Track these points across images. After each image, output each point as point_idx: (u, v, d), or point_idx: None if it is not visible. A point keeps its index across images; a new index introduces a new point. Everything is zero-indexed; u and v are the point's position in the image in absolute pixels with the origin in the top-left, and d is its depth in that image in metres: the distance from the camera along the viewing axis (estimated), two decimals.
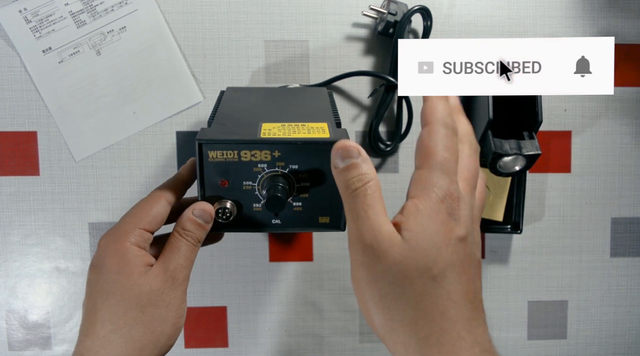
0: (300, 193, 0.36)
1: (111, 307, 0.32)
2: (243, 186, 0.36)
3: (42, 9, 0.50)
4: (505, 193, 0.51)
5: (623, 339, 0.56)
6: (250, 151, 0.34)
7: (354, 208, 0.27)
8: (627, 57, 0.54)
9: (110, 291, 0.32)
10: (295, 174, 0.35)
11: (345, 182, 0.28)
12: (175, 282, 0.33)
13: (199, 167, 0.35)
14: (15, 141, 0.51)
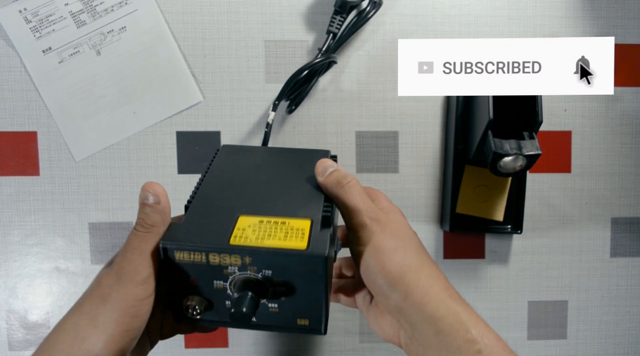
0: (276, 296, 0.33)
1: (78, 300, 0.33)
2: (214, 285, 0.33)
3: (42, 9, 0.50)
4: (505, 193, 0.51)
5: (623, 339, 0.56)
6: (219, 254, 0.32)
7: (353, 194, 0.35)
8: (627, 57, 0.54)
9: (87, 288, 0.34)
10: (269, 279, 0.33)
11: (335, 181, 0.35)
12: (122, 276, 0.31)
13: (166, 267, 0.33)
14: (15, 141, 0.51)
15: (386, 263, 0.33)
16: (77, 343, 0.31)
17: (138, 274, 0.32)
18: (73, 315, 0.32)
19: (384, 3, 0.52)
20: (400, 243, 0.34)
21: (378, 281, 0.33)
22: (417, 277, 0.33)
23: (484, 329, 0.32)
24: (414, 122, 0.53)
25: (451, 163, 0.51)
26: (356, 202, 0.35)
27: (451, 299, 0.33)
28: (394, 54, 0.52)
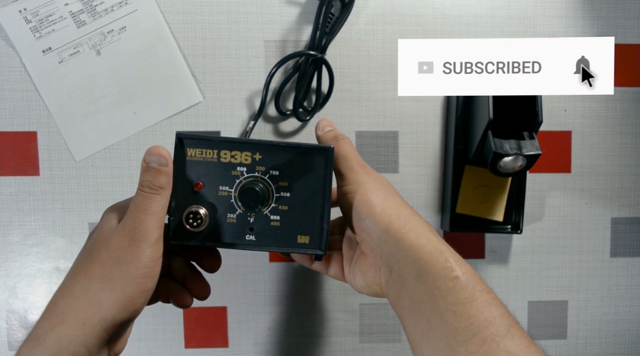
0: (279, 205, 0.34)
1: (78, 264, 0.33)
2: (219, 191, 0.34)
3: (42, 9, 0.50)
4: (505, 193, 0.51)
5: (623, 339, 0.56)
6: (230, 151, 0.33)
7: (347, 147, 0.37)
8: (627, 57, 0.54)
9: (85, 244, 0.34)
10: (275, 181, 0.34)
11: (332, 136, 0.38)
12: (136, 238, 0.32)
13: (175, 165, 0.33)
14: (15, 141, 0.51)
15: (370, 197, 0.35)
16: (92, 307, 0.31)
17: (151, 236, 0.32)
18: (80, 279, 0.32)
19: (385, 3, 0.52)
20: (384, 186, 0.36)
21: (362, 215, 0.35)
22: (398, 211, 0.35)
23: (461, 260, 0.33)
24: (414, 122, 0.53)
25: (451, 163, 0.51)
26: (347, 150, 0.37)
27: (431, 232, 0.34)
28: (394, 54, 0.52)
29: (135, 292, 0.32)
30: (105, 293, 0.31)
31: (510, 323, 0.30)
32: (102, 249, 0.32)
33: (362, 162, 0.37)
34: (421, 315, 0.32)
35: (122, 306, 0.31)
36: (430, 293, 0.32)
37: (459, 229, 0.52)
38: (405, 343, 0.55)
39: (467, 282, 0.32)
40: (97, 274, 0.32)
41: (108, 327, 0.31)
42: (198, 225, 0.34)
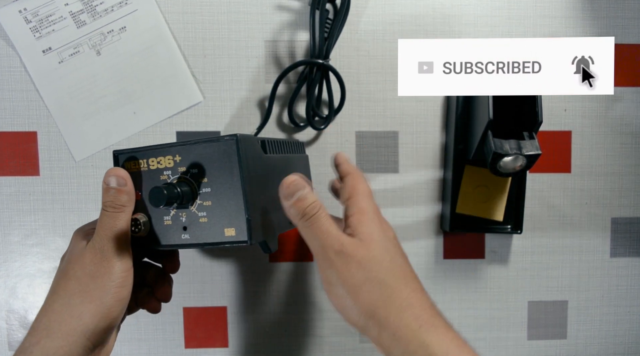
0: (203, 201, 0.36)
1: (56, 283, 0.36)
2: None
3: (42, 9, 0.50)
4: (505, 193, 0.51)
5: (623, 339, 0.56)
6: (156, 158, 0.37)
7: (316, 230, 0.34)
8: (627, 57, 0.54)
9: (60, 266, 0.37)
10: (197, 178, 0.36)
11: (301, 211, 0.34)
12: (106, 254, 0.35)
13: None
14: (15, 141, 0.51)
15: (357, 300, 0.33)
16: (74, 319, 0.34)
17: (119, 249, 0.35)
18: (61, 296, 0.35)
19: (385, 3, 0.52)
20: (368, 272, 0.33)
21: (353, 316, 0.33)
22: (387, 311, 0.32)
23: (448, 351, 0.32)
24: (414, 122, 0.53)
25: (451, 163, 0.51)
26: (323, 232, 0.34)
27: (422, 329, 0.32)
28: (394, 54, 0.52)
29: (112, 301, 0.34)
30: (84, 305, 0.34)
31: None
32: (77, 267, 0.35)
33: (339, 246, 0.33)
34: None
35: (101, 315, 0.34)
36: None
37: (459, 229, 0.52)
38: None
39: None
40: (74, 290, 0.34)
41: (90, 336, 0.34)
42: (139, 231, 0.36)
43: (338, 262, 0.33)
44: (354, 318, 0.33)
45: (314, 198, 0.34)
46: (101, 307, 0.34)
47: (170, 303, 0.53)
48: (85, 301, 0.34)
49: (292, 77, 0.52)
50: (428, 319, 0.33)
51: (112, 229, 0.35)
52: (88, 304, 0.34)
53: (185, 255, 0.53)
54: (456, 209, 0.51)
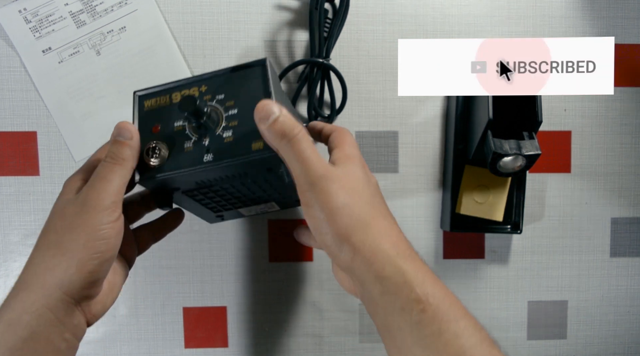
0: (229, 122, 0.35)
1: (39, 237, 0.34)
2: (174, 128, 0.36)
3: (42, 9, 0.50)
4: (505, 193, 0.51)
5: (623, 339, 0.56)
6: (180, 91, 0.36)
7: (297, 152, 0.32)
8: (627, 57, 0.54)
9: (45, 225, 0.35)
10: (223, 103, 0.36)
11: (281, 132, 0.32)
12: (87, 205, 0.33)
13: (136, 120, 0.37)
14: (15, 141, 0.51)
15: (334, 222, 0.32)
16: (48, 272, 0.33)
17: (102, 201, 0.33)
18: (40, 249, 0.34)
19: (385, 3, 0.52)
20: (349, 198, 0.33)
21: (327, 240, 0.33)
22: (364, 236, 0.32)
23: (430, 287, 0.31)
24: (414, 122, 0.53)
25: (451, 163, 0.51)
26: (305, 156, 0.32)
27: (399, 257, 0.32)
28: (394, 54, 0.52)
29: (86, 255, 0.32)
30: (57, 258, 0.32)
31: (483, 354, 0.30)
32: (57, 219, 0.34)
33: (323, 169, 0.33)
34: (393, 342, 0.33)
35: (74, 269, 0.32)
36: (397, 326, 0.32)
37: (459, 229, 0.52)
38: None
39: (434, 314, 0.31)
40: (51, 242, 0.33)
41: (67, 290, 0.32)
42: (157, 157, 0.35)
43: (320, 184, 0.32)
44: (328, 241, 0.33)
45: (293, 120, 0.32)
46: (73, 261, 0.32)
47: (170, 303, 0.53)
48: (58, 254, 0.32)
49: (292, 77, 0.52)
50: (405, 250, 0.33)
51: (103, 179, 0.33)
52: (60, 257, 0.32)
53: (186, 255, 0.53)
54: (456, 209, 0.51)
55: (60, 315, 0.32)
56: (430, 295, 0.31)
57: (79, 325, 0.34)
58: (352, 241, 0.32)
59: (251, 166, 0.35)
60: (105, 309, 0.37)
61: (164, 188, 0.37)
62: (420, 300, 0.31)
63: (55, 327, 0.32)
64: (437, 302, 0.31)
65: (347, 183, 0.33)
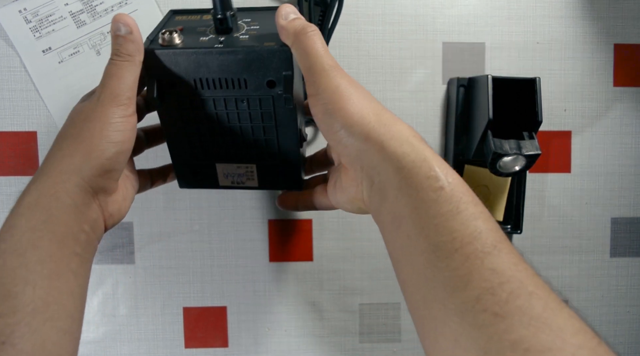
0: (249, 32, 0.37)
1: (57, 135, 0.36)
2: (197, 29, 0.38)
3: (42, 9, 0.50)
4: (505, 193, 0.51)
5: (623, 339, 0.56)
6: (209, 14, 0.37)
7: (312, 44, 0.33)
8: (627, 57, 0.54)
9: (61, 129, 0.36)
10: (248, 23, 0.38)
11: (300, 26, 0.34)
12: (104, 99, 0.34)
13: (160, 26, 0.39)
14: (15, 141, 0.51)
15: (345, 104, 0.32)
16: (66, 158, 0.34)
17: (116, 98, 0.34)
18: (57, 142, 0.35)
19: (385, 3, 0.52)
20: (359, 91, 0.34)
21: (336, 125, 0.32)
22: (378, 117, 0.32)
23: (447, 168, 0.30)
24: (414, 122, 0.53)
25: (451, 163, 0.51)
26: (317, 47, 0.33)
27: (415, 138, 0.31)
28: (394, 54, 0.52)
29: (104, 143, 0.34)
30: (75, 145, 0.34)
31: (497, 239, 0.28)
32: (74, 114, 0.35)
33: (333, 63, 0.34)
34: (401, 230, 0.30)
35: (92, 155, 0.33)
36: (411, 206, 0.30)
37: None
38: (405, 343, 0.55)
39: (452, 193, 0.29)
40: (69, 134, 0.34)
41: (84, 176, 0.33)
42: (172, 39, 0.36)
43: (332, 71, 0.33)
44: (337, 127, 0.33)
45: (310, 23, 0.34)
46: (91, 147, 0.33)
47: (170, 303, 0.53)
48: (76, 141, 0.34)
49: None
50: (419, 135, 0.33)
51: (114, 76, 0.34)
52: (79, 145, 0.34)
53: (186, 255, 0.53)
54: None
55: (78, 201, 0.33)
56: (449, 175, 0.30)
57: (97, 220, 0.35)
58: (366, 121, 0.32)
59: (258, 61, 0.35)
60: (121, 215, 0.38)
61: (163, 73, 0.37)
62: (439, 177, 0.29)
63: (73, 214, 0.33)
64: (454, 183, 0.30)
65: (353, 79, 0.35)
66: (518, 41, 0.53)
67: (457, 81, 0.50)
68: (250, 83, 0.37)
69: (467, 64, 0.53)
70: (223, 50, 0.35)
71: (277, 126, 0.39)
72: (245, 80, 0.36)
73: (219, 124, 0.40)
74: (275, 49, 0.35)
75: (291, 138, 0.40)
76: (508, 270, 0.26)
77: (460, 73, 0.53)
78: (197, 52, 0.35)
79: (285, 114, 0.38)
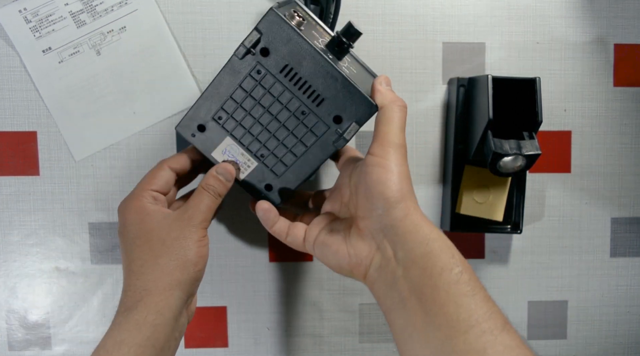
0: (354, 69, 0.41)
1: (138, 248, 0.39)
2: (313, 32, 0.40)
3: (42, 9, 0.50)
4: (505, 193, 0.51)
5: (623, 339, 0.56)
6: None
7: (400, 116, 0.38)
8: (627, 57, 0.54)
9: (136, 238, 0.39)
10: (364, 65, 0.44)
11: (396, 98, 0.39)
12: (192, 221, 0.39)
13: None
14: (15, 141, 0.51)
15: (397, 181, 0.36)
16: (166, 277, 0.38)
17: (204, 222, 0.40)
18: (147, 260, 0.39)
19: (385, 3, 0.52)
20: (408, 176, 0.37)
21: (377, 199, 0.36)
22: (414, 202, 0.36)
23: (463, 258, 0.35)
24: (414, 122, 0.53)
25: (451, 163, 0.51)
26: (401, 120, 0.38)
27: (437, 228, 0.36)
28: (394, 54, 0.52)
29: (196, 257, 0.39)
30: (172, 262, 0.38)
31: (505, 320, 0.33)
32: (162, 232, 0.39)
33: (403, 142, 0.38)
34: (419, 306, 0.33)
35: (188, 270, 0.39)
36: (433, 284, 0.33)
37: (459, 229, 0.52)
38: None
39: (469, 278, 0.33)
40: (160, 251, 0.39)
41: (183, 288, 0.39)
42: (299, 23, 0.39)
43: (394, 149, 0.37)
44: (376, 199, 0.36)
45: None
46: (187, 263, 0.39)
47: None
48: (172, 259, 0.38)
49: None
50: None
51: (205, 205, 0.40)
52: (175, 261, 0.38)
53: None
54: (456, 209, 0.51)
55: (177, 313, 0.38)
56: (465, 262, 0.34)
57: (184, 323, 0.40)
58: (407, 203, 0.36)
59: (348, 96, 0.38)
60: (195, 308, 0.43)
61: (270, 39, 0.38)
62: (459, 263, 0.34)
63: (171, 326, 0.38)
64: (470, 270, 0.34)
65: (404, 162, 0.38)
66: (518, 41, 0.53)
67: (457, 81, 0.50)
68: (325, 105, 0.39)
69: (467, 64, 0.53)
70: (330, 64, 0.37)
71: (307, 150, 0.41)
72: (323, 99, 0.38)
73: (265, 112, 0.40)
74: (370, 100, 0.38)
75: (308, 167, 0.42)
76: (517, 348, 0.31)
77: (460, 73, 0.53)
78: (310, 49, 0.37)
79: (324, 148, 0.41)
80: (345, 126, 0.39)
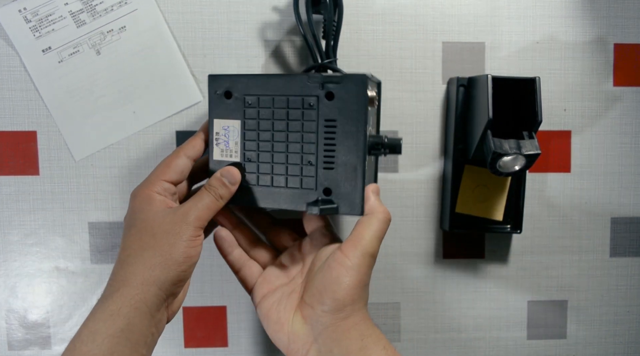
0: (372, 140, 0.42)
1: (131, 237, 0.39)
2: None
3: (41, 8, 0.50)
4: (505, 193, 0.51)
5: (623, 339, 0.56)
6: None
7: (378, 227, 0.41)
8: (627, 57, 0.54)
9: (132, 226, 0.40)
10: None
11: (380, 209, 0.41)
12: (186, 217, 0.39)
13: None
14: (15, 141, 0.51)
15: (345, 286, 0.39)
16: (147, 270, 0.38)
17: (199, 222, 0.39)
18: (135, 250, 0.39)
19: (385, 3, 0.52)
20: (364, 282, 0.40)
21: (327, 296, 0.39)
22: (362, 306, 0.40)
23: (394, 348, 0.40)
24: (414, 122, 0.53)
25: (451, 163, 0.51)
26: (378, 231, 0.40)
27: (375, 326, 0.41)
28: (394, 54, 0.52)
29: (181, 258, 0.38)
30: (156, 258, 0.38)
31: None
32: (155, 225, 0.39)
33: (375, 252, 0.40)
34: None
35: (170, 269, 0.38)
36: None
37: (459, 229, 0.52)
38: (405, 342, 0.55)
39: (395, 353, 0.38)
40: (149, 244, 0.38)
41: (162, 286, 0.38)
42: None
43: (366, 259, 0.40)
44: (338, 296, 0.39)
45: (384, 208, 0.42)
46: (171, 261, 0.38)
47: None
48: (156, 254, 0.38)
49: None
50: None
51: (204, 205, 0.40)
52: (159, 257, 0.38)
53: None
54: (456, 209, 0.51)
55: (153, 309, 0.37)
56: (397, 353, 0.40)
57: (162, 320, 0.39)
58: (355, 306, 0.39)
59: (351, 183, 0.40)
60: (178, 308, 0.42)
61: None
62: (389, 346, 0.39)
63: (147, 320, 0.37)
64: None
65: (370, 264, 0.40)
66: (518, 41, 0.53)
67: (457, 81, 0.50)
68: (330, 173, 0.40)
69: (467, 64, 0.53)
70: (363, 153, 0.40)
71: (283, 188, 0.42)
72: (333, 168, 0.40)
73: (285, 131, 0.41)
74: (361, 206, 0.40)
75: (272, 200, 0.43)
76: None
77: (460, 73, 0.53)
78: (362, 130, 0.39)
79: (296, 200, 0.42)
80: (327, 202, 0.40)
